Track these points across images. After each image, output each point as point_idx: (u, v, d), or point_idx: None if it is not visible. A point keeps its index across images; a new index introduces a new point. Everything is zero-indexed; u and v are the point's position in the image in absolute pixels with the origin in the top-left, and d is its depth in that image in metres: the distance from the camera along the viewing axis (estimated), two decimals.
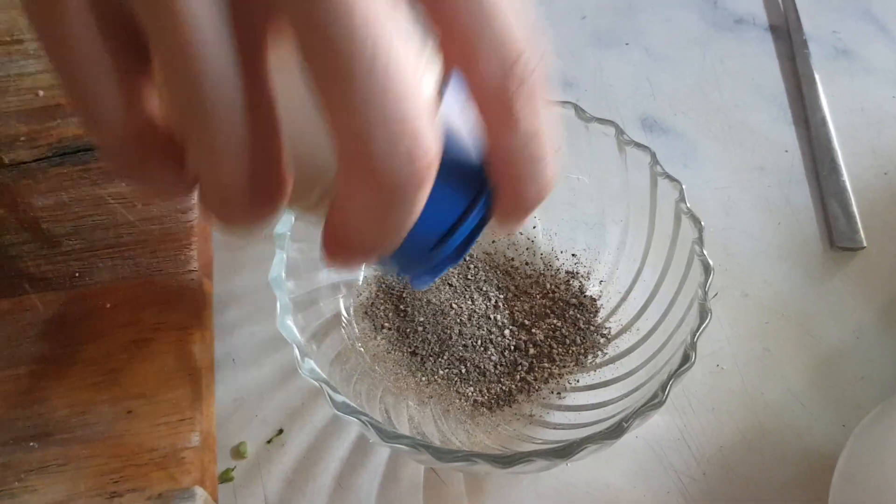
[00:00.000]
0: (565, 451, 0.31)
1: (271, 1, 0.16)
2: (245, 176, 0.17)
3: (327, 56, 0.15)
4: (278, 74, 0.17)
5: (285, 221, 0.36)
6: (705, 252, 0.36)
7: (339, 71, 0.15)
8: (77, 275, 0.39)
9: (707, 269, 0.35)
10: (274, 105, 0.17)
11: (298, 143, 0.19)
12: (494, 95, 0.19)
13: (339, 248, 0.19)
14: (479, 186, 0.22)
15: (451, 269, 0.43)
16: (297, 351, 0.33)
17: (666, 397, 0.32)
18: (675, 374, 0.32)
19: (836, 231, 0.47)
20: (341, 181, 0.18)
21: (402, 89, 0.16)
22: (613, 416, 0.35)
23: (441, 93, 0.20)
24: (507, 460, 0.30)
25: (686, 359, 0.33)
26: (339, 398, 0.31)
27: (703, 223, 0.37)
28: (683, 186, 0.38)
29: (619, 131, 0.40)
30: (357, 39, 0.15)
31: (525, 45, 0.19)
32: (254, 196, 0.18)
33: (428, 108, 0.17)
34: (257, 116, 0.17)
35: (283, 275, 0.35)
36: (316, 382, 0.32)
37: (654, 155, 0.39)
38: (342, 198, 0.18)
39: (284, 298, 0.34)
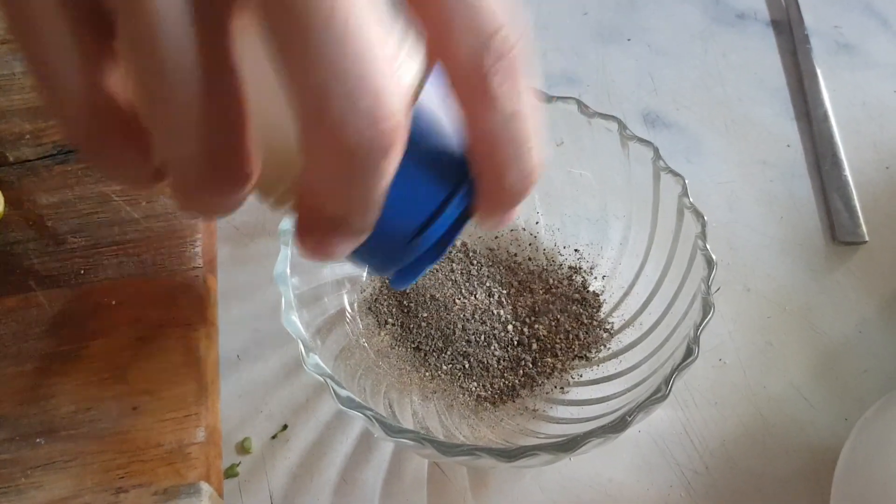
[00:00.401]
0: (569, 445, 0.31)
1: None
2: (207, 155, 0.17)
3: (285, 13, 0.15)
4: (247, 60, 0.17)
5: (290, 218, 0.36)
6: (708, 247, 0.36)
7: (297, 25, 0.15)
8: (82, 272, 0.40)
9: (710, 264, 0.35)
10: (238, 85, 0.17)
11: (268, 131, 0.18)
12: (470, 72, 0.18)
13: (309, 230, 0.19)
14: (459, 177, 0.21)
15: (453, 265, 0.43)
16: (301, 346, 0.33)
17: (669, 391, 0.32)
18: (679, 368, 0.32)
19: (838, 225, 0.47)
20: (304, 151, 0.17)
21: (363, 47, 0.15)
22: (616, 410, 0.35)
23: (422, 85, 0.20)
24: (511, 454, 0.30)
25: (689, 352, 0.33)
26: (344, 393, 0.32)
27: (705, 218, 0.37)
28: (686, 181, 0.38)
29: (622, 126, 0.40)
30: None
31: (503, 20, 0.18)
32: (216, 177, 0.17)
33: (394, 76, 0.16)
34: (220, 95, 0.16)
35: (288, 271, 0.35)
36: (320, 378, 0.32)
37: (656, 150, 0.39)
38: (307, 172, 0.18)
39: (289, 294, 0.35)
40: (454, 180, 0.21)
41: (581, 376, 0.40)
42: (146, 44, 0.15)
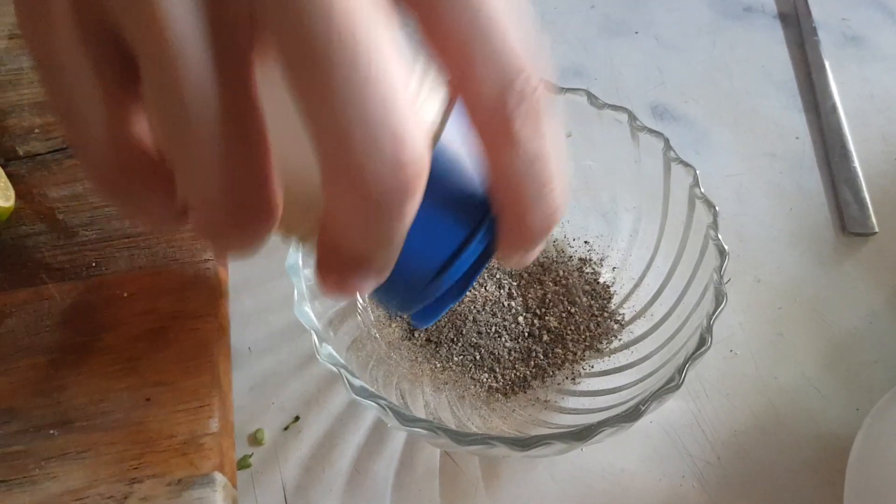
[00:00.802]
0: (582, 434, 0.31)
1: (256, 16, 0.16)
2: (231, 197, 0.17)
3: (307, 57, 0.15)
4: (268, 99, 0.17)
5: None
6: (720, 236, 0.36)
7: (319, 70, 0.15)
8: (94, 264, 0.40)
9: (722, 253, 0.35)
10: (261, 125, 0.17)
11: (290, 168, 0.18)
12: (492, 114, 0.18)
13: (329, 268, 0.18)
14: (480, 216, 0.20)
15: None
16: (315, 336, 0.33)
17: (682, 380, 0.32)
18: (692, 358, 0.32)
19: (847, 217, 0.47)
20: (326, 193, 0.17)
21: (386, 91, 0.15)
22: (628, 400, 0.35)
23: (443, 122, 0.20)
24: (524, 443, 0.30)
25: (702, 342, 0.33)
26: (357, 382, 0.32)
27: (717, 207, 0.37)
28: (697, 171, 0.38)
29: (632, 118, 0.40)
30: (338, 38, 0.15)
31: (525, 62, 0.18)
32: (241, 217, 0.17)
33: (416, 118, 0.16)
34: (242, 135, 0.16)
35: (300, 262, 0.35)
36: (333, 367, 0.32)
37: (667, 141, 0.39)
38: (328, 212, 0.17)
39: (301, 285, 0.35)
40: (475, 219, 0.21)
41: (592, 367, 0.40)
42: (168, 87, 0.15)
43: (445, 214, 0.20)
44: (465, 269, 0.21)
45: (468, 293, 0.41)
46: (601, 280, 0.43)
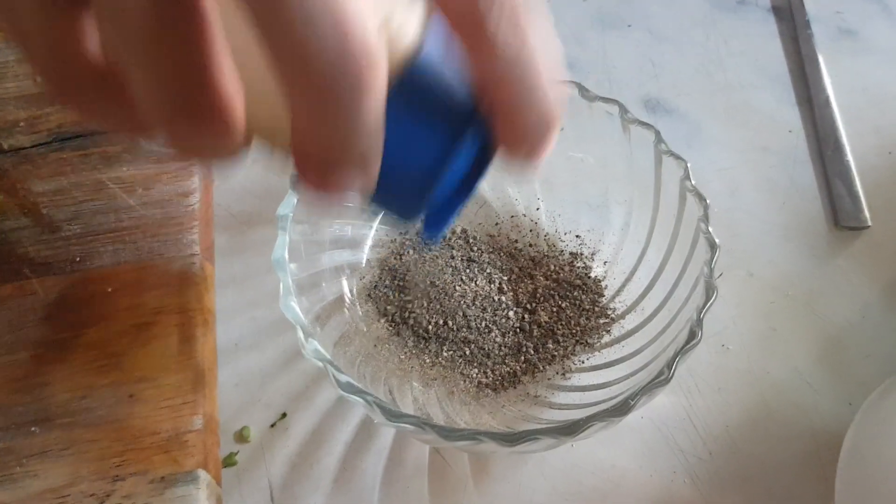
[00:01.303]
0: (571, 429, 0.30)
1: None
2: (176, 91, 0.17)
3: None
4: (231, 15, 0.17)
5: (287, 203, 0.36)
6: (710, 229, 0.35)
7: None
8: (78, 259, 0.39)
9: (713, 247, 0.35)
10: (206, 22, 0.17)
11: (258, 80, 0.18)
12: (465, 15, 0.18)
13: (306, 169, 0.18)
14: (468, 118, 0.20)
15: (454, 252, 0.42)
16: (300, 332, 0.32)
17: (672, 374, 0.31)
18: (682, 351, 0.32)
19: (840, 210, 0.47)
20: (281, 91, 0.17)
21: None
22: (619, 395, 0.35)
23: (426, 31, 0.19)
24: (512, 438, 0.30)
25: (692, 336, 0.32)
26: (344, 378, 0.31)
27: (708, 201, 0.36)
28: (688, 164, 0.37)
29: (623, 110, 0.39)
30: None
31: None
32: (193, 114, 0.17)
33: (364, 9, 0.16)
34: (187, 33, 0.16)
35: (286, 256, 0.34)
36: (320, 363, 0.32)
37: (658, 133, 0.39)
38: (292, 112, 0.17)
39: (287, 280, 0.34)
40: (465, 121, 0.20)
41: (583, 362, 0.40)
42: None
43: (432, 117, 0.20)
44: (462, 168, 0.21)
45: (460, 287, 0.41)
46: (592, 274, 0.42)
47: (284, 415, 0.39)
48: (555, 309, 0.41)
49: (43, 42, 0.17)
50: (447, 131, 0.20)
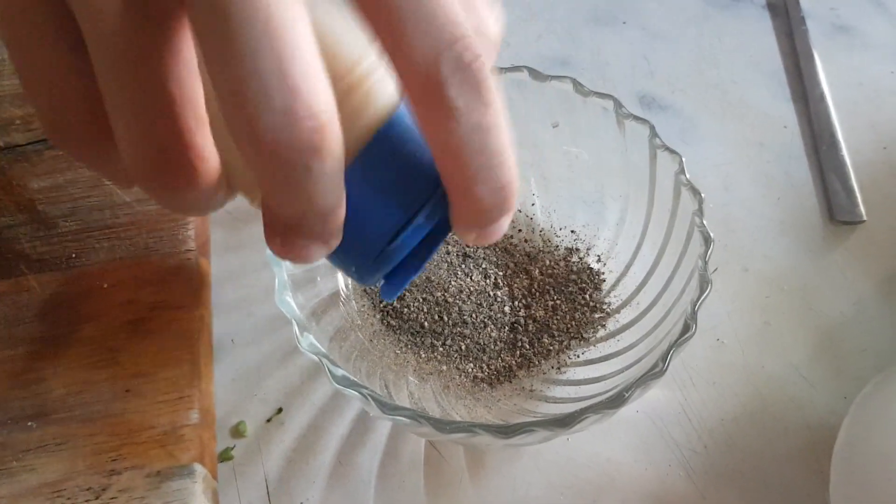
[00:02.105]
0: (566, 421, 0.30)
1: None
2: (150, 144, 0.17)
3: (209, 10, 0.15)
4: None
5: None
6: (705, 223, 0.36)
7: (217, 20, 0.15)
8: (74, 256, 0.39)
9: (707, 240, 0.35)
10: (178, 80, 0.17)
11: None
12: (425, 83, 0.17)
13: (271, 231, 0.19)
14: (433, 189, 0.21)
15: (449, 247, 0.43)
16: (296, 326, 0.33)
17: (667, 367, 0.31)
18: (676, 344, 0.32)
19: (835, 205, 0.47)
20: (239, 151, 0.17)
21: (282, 46, 0.15)
22: (613, 389, 0.35)
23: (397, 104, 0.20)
24: (507, 430, 0.30)
25: (686, 329, 0.33)
26: (339, 372, 0.31)
27: (702, 195, 0.37)
28: (683, 158, 0.38)
29: (618, 105, 0.39)
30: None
31: (463, 29, 0.17)
32: (161, 170, 0.18)
33: (318, 75, 0.16)
34: (159, 90, 0.17)
35: None
36: (315, 357, 0.32)
37: (652, 128, 0.39)
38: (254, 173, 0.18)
39: (283, 274, 0.34)
40: (426, 192, 0.21)
41: (578, 356, 0.40)
42: (92, 40, 0.17)
43: (395, 186, 0.20)
44: (417, 240, 0.21)
45: (456, 282, 0.41)
46: (587, 269, 0.42)
47: (280, 410, 0.39)
48: (550, 304, 0.41)
49: (44, 77, 0.18)
50: (413, 201, 0.21)
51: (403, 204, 0.21)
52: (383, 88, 0.20)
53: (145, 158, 0.18)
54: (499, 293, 0.41)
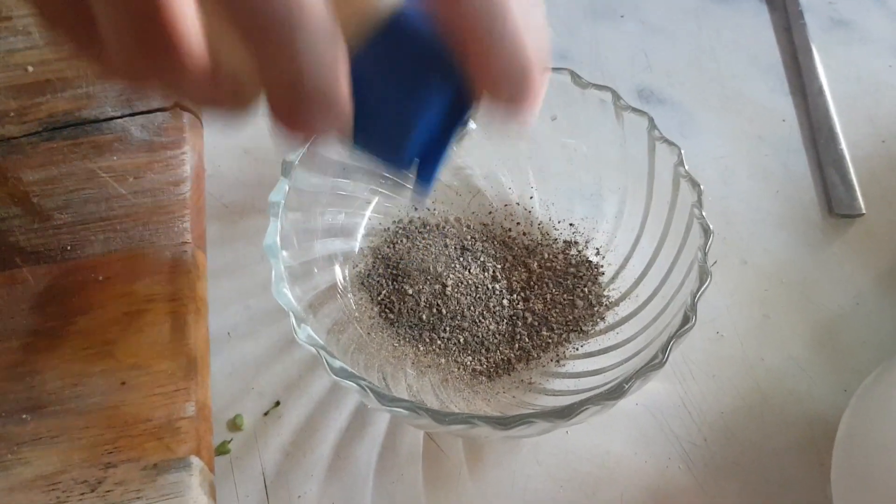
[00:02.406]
0: (566, 413, 0.30)
1: None
2: (131, 22, 0.17)
3: None
4: None
5: (279, 190, 0.36)
6: (704, 214, 0.35)
7: None
8: (69, 248, 0.39)
9: (706, 232, 0.35)
10: None
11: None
12: None
13: (273, 106, 0.19)
14: (448, 64, 0.20)
15: (447, 240, 0.42)
16: (293, 318, 0.32)
17: (666, 359, 0.31)
18: (676, 335, 0.32)
19: (834, 198, 0.47)
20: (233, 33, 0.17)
21: None
22: (613, 381, 0.35)
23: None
24: (506, 422, 0.30)
25: (686, 320, 0.32)
26: (337, 363, 0.31)
27: (701, 186, 0.36)
28: (682, 150, 0.37)
29: (616, 97, 0.39)
30: None
31: None
32: (148, 45, 0.17)
33: None
34: None
35: (278, 242, 0.34)
36: (313, 349, 0.32)
37: (651, 120, 0.39)
38: (249, 52, 0.18)
39: (279, 266, 0.34)
40: (448, 66, 0.20)
41: (577, 349, 0.40)
42: None
43: (413, 61, 0.20)
44: (441, 113, 0.20)
45: (454, 275, 0.41)
46: (586, 262, 0.42)
47: (278, 403, 0.38)
48: (549, 297, 0.41)
49: None
50: (426, 74, 0.20)
51: (421, 77, 0.20)
52: None
53: (126, 38, 0.17)
54: (497, 286, 0.41)
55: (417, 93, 0.20)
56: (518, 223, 0.44)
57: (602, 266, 0.42)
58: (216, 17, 0.18)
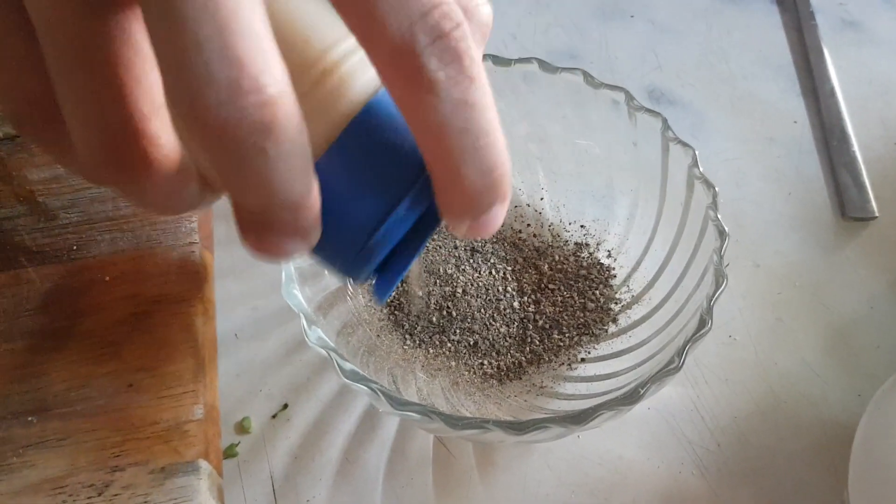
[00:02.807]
0: (581, 418, 0.30)
1: None
2: (99, 133, 0.17)
3: None
4: None
5: None
6: (720, 216, 0.35)
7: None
8: (75, 248, 0.38)
9: (722, 235, 0.34)
10: (132, 63, 0.16)
11: None
12: (401, 56, 0.16)
13: (244, 228, 0.18)
14: (415, 177, 0.19)
15: (457, 242, 0.42)
16: (303, 320, 0.32)
17: (682, 363, 0.31)
18: (692, 339, 0.31)
19: (847, 201, 0.46)
20: (188, 135, 0.16)
21: (226, 15, 0.14)
22: (625, 386, 0.34)
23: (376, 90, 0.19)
24: (520, 427, 0.29)
25: (702, 324, 0.32)
26: (348, 366, 0.31)
27: (716, 188, 0.36)
28: (696, 151, 0.37)
29: (629, 97, 0.39)
30: None
31: None
32: (116, 158, 0.17)
33: (268, 49, 0.15)
34: (113, 73, 0.16)
35: None
36: (323, 351, 0.31)
37: (665, 120, 0.38)
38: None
39: (290, 267, 0.33)
40: (411, 180, 0.19)
41: (589, 353, 0.39)
42: (39, 28, 0.16)
43: (375, 174, 0.19)
44: (401, 232, 0.20)
45: (464, 277, 0.40)
46: (598, 265, 0.42)
47: (286, 406, 0.38)
48: (560, 299, 0.40)
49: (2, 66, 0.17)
50: (395, 190, 0.19)
51: (385, 192, 0.19)
52: (361, 73, 0.19)
53: (94, 146, 0.17)
54: (507, 288, 0.41)
55: (381, 202, 0.19)
56: (528, 225, 0.43)
57: (614, 269, 0.42)
58: (184, 133, 0.17)
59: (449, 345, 0.39)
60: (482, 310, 0.39)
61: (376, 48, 0.17)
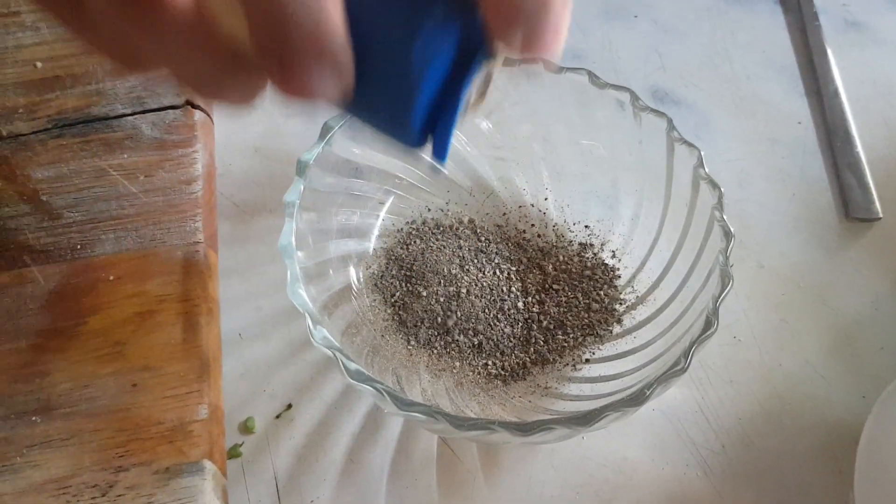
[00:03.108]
0: (586, 419, 0.30)
1: None
2: None
3: None
4: None
5: (294, 190, 0.35)
6: (725, 217, 0.35)
7: None
8: (79, 247, 0.38)
9: (728, 235, 0.34)
10: None
11: None
12: None
13: (270, 69, 0.17)
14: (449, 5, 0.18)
15: (461, 242, 0.42)
16: (308, 319, 0.32)
17: (689, 364, 0.31)
18: (698, 340, 0.31)
19: (851, 202, 0.46)
20: None
21: None
22: (630, 387, 0.34)
23: None
24: (526, 428, 0.29)
25: (709, 325, 0.32)
26: (353, 366, 0.30)
27: (722, 189, 0.36)
28: (702, 152, 0.37)
29: (635, 97, 0.39)
30: None
31: None
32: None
33: None
34: None
35: (293, 243, 0.34)
36: (328, 351, 0.31)
37: (670, 121, 0.38)
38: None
39: (294, 267, 0.33)
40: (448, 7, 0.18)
41: (594, 353, 0.39)
42: None
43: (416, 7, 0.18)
44: (443, 44, 0.18)
45: (468, 277, 0.40)
46: (602, 265, 0.42)
47: (290, 406, 0.38)
48: (564, 300, 0.40)
49: None
50: (422, 13, 0.18)
51: (417, 9, 0.18)
52: None
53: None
54: (512, 288, 0.40)
55: (417, 28, 0.17)
56: (532, 225, 0.43)
57: (618, 269, 0.42)
58: None
59: (453, 345, 0.39)
60: (486, 310, 0.39)
61: None
